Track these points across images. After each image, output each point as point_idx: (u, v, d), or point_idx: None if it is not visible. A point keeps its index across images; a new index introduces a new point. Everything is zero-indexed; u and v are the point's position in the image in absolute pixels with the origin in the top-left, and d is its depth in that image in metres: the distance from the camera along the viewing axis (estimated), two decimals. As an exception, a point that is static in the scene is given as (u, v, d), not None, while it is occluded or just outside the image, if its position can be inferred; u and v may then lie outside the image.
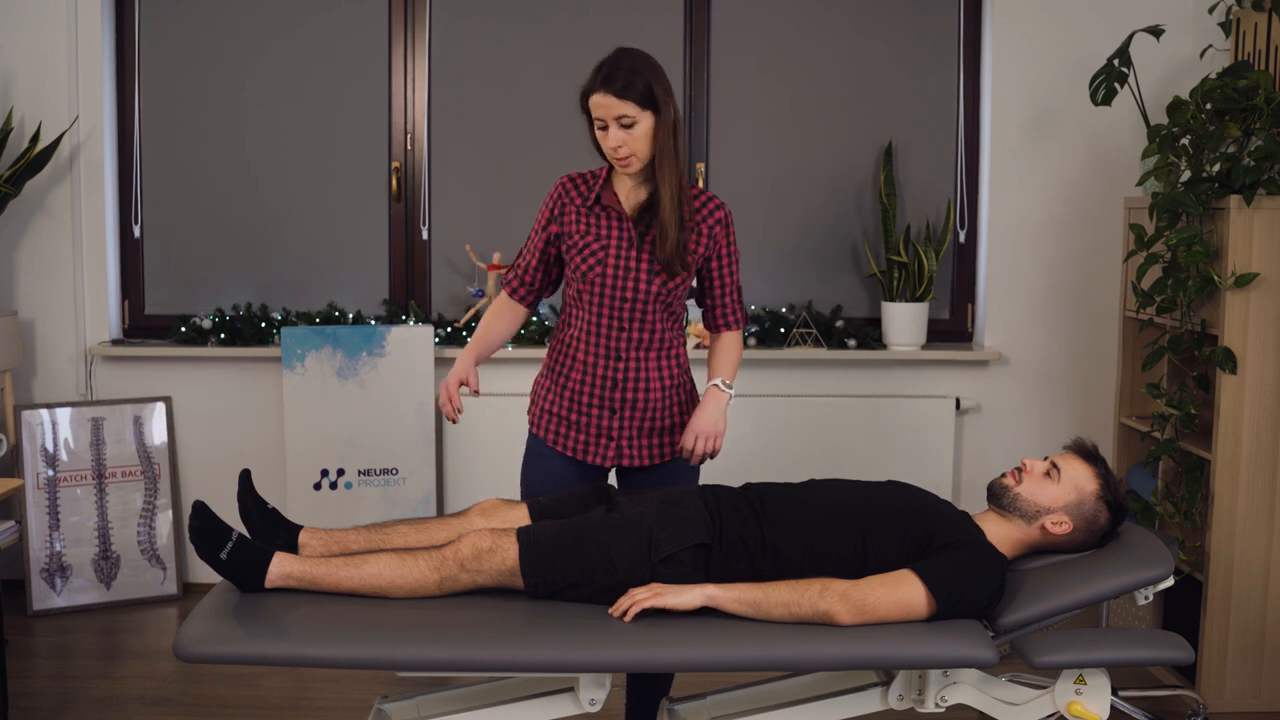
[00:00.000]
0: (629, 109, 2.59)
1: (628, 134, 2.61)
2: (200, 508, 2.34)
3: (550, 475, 2.76)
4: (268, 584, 2.32)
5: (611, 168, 2.74)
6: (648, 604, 2.23)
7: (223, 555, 2.31)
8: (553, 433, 2.78)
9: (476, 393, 2.79)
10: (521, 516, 2.50)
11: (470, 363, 2.79)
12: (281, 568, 2.32)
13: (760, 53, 4.33)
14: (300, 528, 2.48)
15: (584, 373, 2.73)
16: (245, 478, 2.52)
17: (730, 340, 2.84)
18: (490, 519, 2.49)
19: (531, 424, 2.83)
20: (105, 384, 4.35)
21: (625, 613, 2.24)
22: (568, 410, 2.76)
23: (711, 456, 2.76)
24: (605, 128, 2.63)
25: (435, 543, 2.42)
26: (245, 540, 2.35)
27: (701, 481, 2.78)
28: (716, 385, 2.75)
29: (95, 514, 4.23)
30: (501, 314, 2.86)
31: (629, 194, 2.72)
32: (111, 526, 4.25)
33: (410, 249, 4.39)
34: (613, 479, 2.86)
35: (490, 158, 4.37)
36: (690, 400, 2.82)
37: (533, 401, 2.84)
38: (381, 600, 2.32)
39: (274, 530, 2.47)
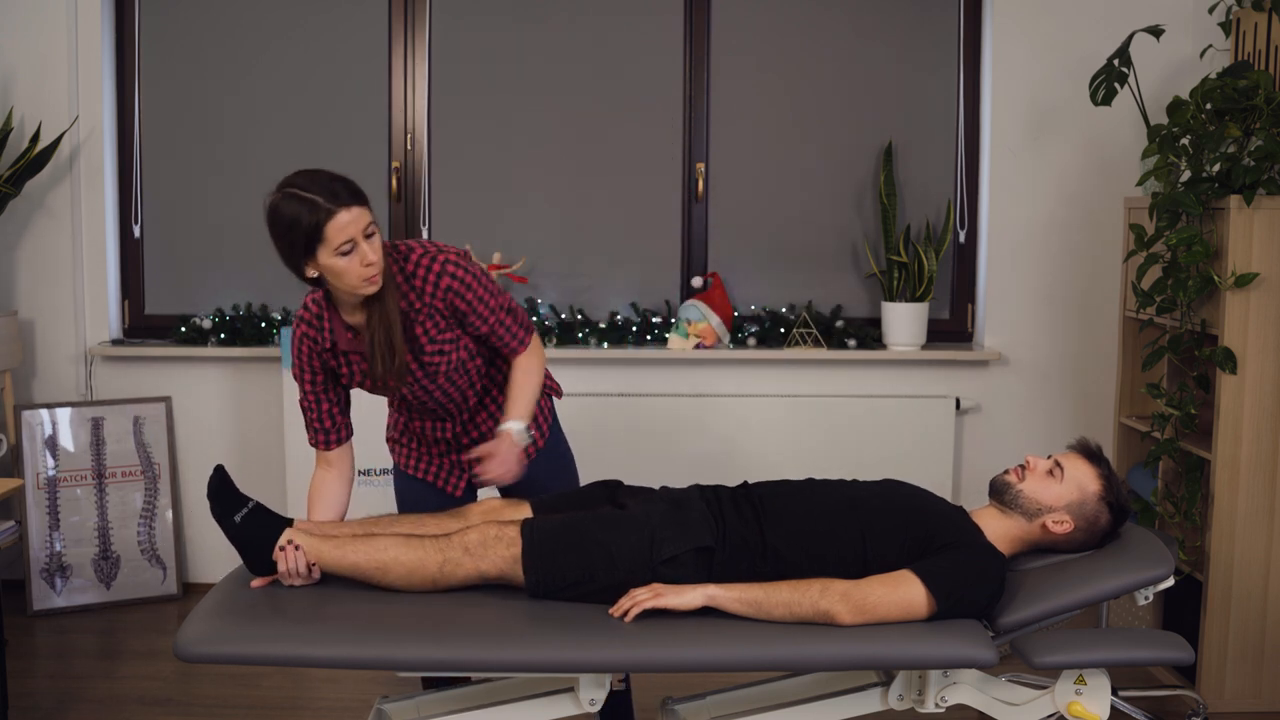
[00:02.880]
0: (368, 215, 2.36)
1: (374, 243, 2.36)
2: (222, 470, 2.37)
3: (419, 499, 2.75)
4: (276, 551, 2.33)
5: (329, 302, 2.50)
6: (648, 604, 2.23)
7: (237, 519, 2.32)
8: (411, 467, 2.78)
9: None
10: (525, 514, 2.49)
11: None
12: (291, 538, 2.33)
13: (760, 53, 4.33)
14: (290, 521, 2.45)
15: (422, 433, 2.73)
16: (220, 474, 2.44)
17: (518, 368, 2.61)
18: (490, 518, 2.49)
19: (392, 454, 2.82)
20: (105, 384, 4.35)
21: (626, 613, 2.24)
22: (418, 458, 2.77)
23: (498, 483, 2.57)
24: (351, 250, 2.33)
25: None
26: (262, 508, 2.36)
27: (697, 481, 2.77)
28: (507, 429, 2.52)
29: (95, 514, 4.23)
30: (328, 479, 2.61)
31: (361, 323, 2.49)
32: (111, 526, 4.25)
33: (410, 249, 4.38)
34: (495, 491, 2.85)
35: (490, 158, 4.37)
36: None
37: (388, 437, 2.82)
38: (381, 600, 2.31)
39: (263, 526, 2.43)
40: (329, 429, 2.61)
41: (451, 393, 2.62)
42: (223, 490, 2.36)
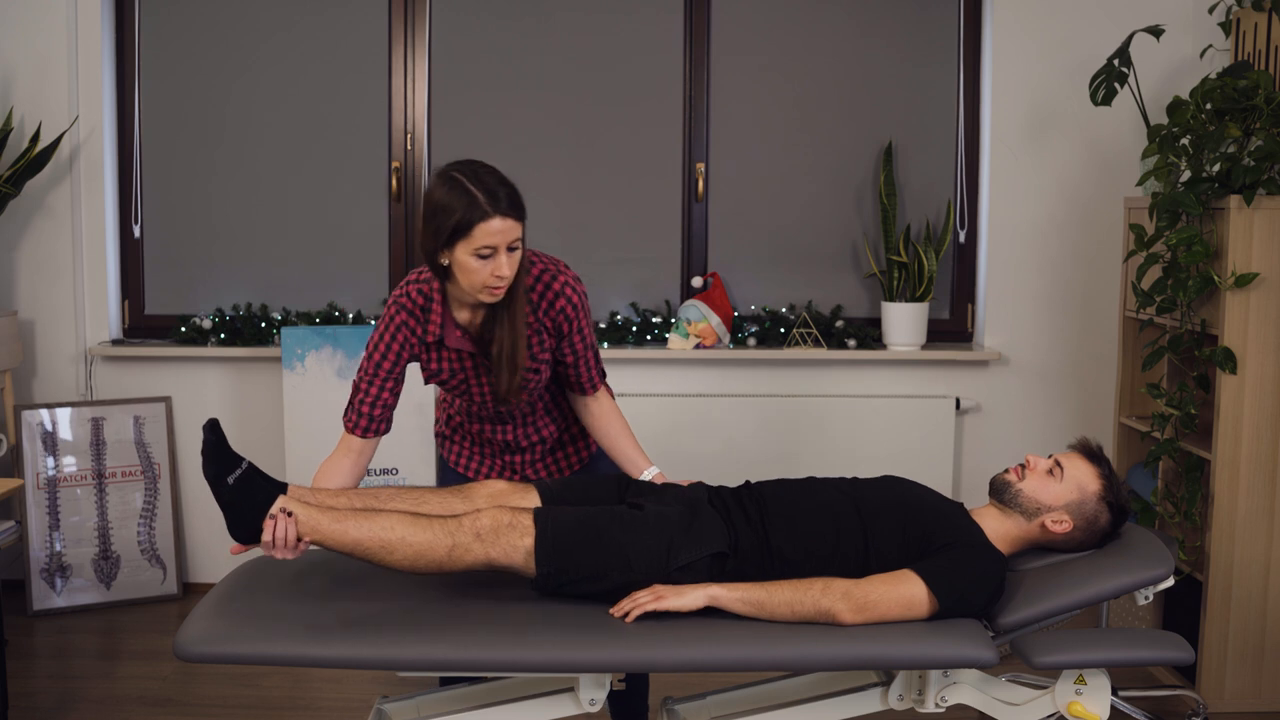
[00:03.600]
0: (520, 229, 2.34)
1: (512, 258, 2.34)
2: (215, 425, 2.24)
3: None
4: (266, 519, 2.20)
5: (444, 295, 2.47)
6: (649, 607, 2.22)
7: (230, 480, 2.21)
8: (461, 465, 2.78)
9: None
10: (533, 500, 2.46)
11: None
12: (285, 506, 2.21)
13: (761, 52, 4.33)
14: (284, 487, 2.30)
15: (480, 434, 2.72)
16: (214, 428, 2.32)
17: (605, 409, 2.65)
18: (498, 502, 2.44)
19: (440, 450, 2.83)
20: (105, 384, 4.35)
21: (627, 614, 2.23)
22: (469, 456, 2.77)
23: None
24: (491, 256, 2.32)
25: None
26: (257, 471, 2.24)
27: (702, 481, 2.77)
28: (649, 477, 2.60)
29: (95, 514, 4.23)
30: (344, 465, 2.53)
31: (470, 321, 2.49)
32: (111, 526, 4.25)
33: (410, 249, 4.39)
34: None
35: (490, 157, 4.34)
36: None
37: (437, 432, 2.82)
38: (382, 599, 2.31)
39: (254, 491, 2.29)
40: (375, 417, 2.53)
41: (523, 404, 2.61)
42: (218, 448, 2.22)
